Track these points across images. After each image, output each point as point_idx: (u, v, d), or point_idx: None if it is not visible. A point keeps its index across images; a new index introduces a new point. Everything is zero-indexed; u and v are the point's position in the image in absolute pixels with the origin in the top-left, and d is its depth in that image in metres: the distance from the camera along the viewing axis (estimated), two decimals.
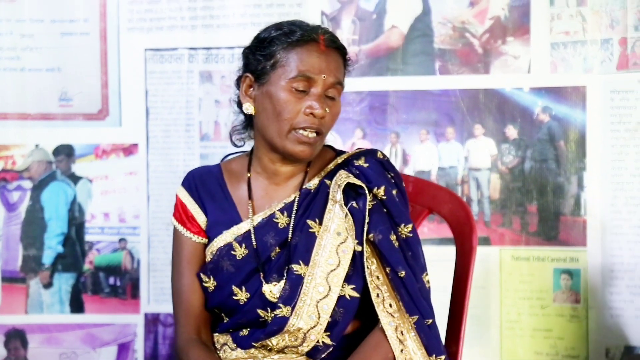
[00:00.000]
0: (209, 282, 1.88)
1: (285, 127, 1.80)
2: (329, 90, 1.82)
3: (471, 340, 2.72)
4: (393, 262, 1.80)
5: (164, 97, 3.01)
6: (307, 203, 1.87)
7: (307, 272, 1.80)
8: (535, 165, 2.87)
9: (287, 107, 1.80)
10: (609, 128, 2.80)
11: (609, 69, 2.79)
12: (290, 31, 1.82)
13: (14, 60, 3.01)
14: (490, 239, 2.89)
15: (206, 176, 1.96)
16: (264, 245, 1.85)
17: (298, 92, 1.80)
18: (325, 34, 1.84)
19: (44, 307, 3.04)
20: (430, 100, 2.91)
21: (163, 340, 3.02)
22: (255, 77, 1.85)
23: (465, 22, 2.88)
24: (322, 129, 1.82)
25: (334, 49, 1.84)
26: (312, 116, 1.80)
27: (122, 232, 3.04)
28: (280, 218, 1.87)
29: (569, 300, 2.84)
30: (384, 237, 1.81)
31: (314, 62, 1.80)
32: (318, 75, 1.80)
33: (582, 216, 2.83)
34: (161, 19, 2.99)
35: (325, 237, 1.82)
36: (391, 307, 1.80)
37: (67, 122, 3.03)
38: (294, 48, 1.81)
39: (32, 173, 3.05)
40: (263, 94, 1.83)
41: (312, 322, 1.79)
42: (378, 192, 1.84)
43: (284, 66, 1.80)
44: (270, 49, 1.82)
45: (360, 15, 2.93)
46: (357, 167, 1.88)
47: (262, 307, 1.83)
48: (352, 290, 1.81)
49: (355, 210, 1.82)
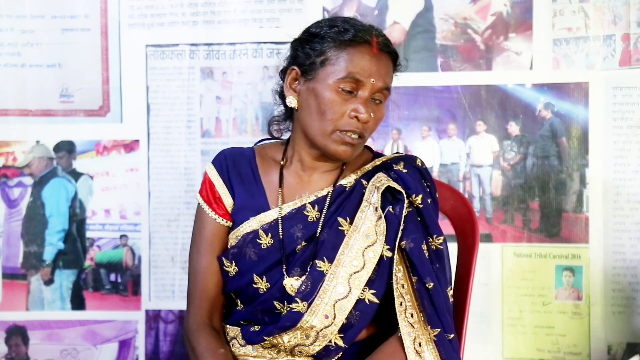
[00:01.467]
0: (230, 267, 1.86)
1: (329, 128, 1.78)
2: (375, 94, 1.79)
3: (473, 337, 2.72)
4: (422, 272, 1.78)
5: (165, 93, 3.01)
6: (341, 200, 1.85)
7: (330, 270, 1.78)
8: (538, 161, 2.86)
9: (333, 108, 1.77)
10: (611, 124, 2.80)
11: (612, 65, 2.78)
12: (343, 30, 1.78)
13: (14, 56, 3.01)
14: (492, 235, 2.88)
15: (239, 157, 1.93)
16: (291, 237, 1.83)
17: (345, 92, 1.77)
18: (379, 36, 1.80)
19: (45, 303, 3.04)
20: (432, 97, 2.90)
21: (164, 337, 3.02)
22: (302, 71, 1.82)
23: (467, 18, 2.88)
24: (365, 133, 1.80)
25: (386, 53, 1.81)
26: (356, 120, 1.77)
27: (123, 228, 3.04)
28: (311, 211, 1.85)
29: (571, 297, 2.83)
30: (416, 246, 1.79)
31: (364, 64, 1.77)
32: (367, 78, 1.77)
33: (584, 213, 2.82)
34: (162, 15, 2.99)
35: (354, 238, 1.80)
36: (412, 318, 1.78)
37: (68, 119, 3.02)
38: (346, 48, 1.77)
39: (33, 169, 3.05)
40: (309, 89, 1.80)
41: (327, 322, 1.77)
42: (416, 199, 1.82)
43: (333, 65, 1.77)
44: (321, 45, 1.79)
45: (361, 11, 2.92)
46: (396, 171, 1.86)
47: (280, 299, 1.81)
48: (373, 295, 1.79)
49: (391, 215, 1.80)
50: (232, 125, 2.98)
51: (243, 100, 2.98)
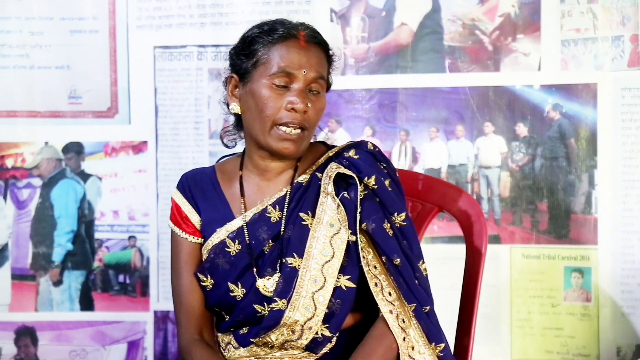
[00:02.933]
0: (207, 281, 1.89)
1: (268, 124, 1.81)
2: (311, 85, 1.82)
3: (481, 338, 2.71)
4: (388, 250, 1.80)
5: (173, 94, 3.01)
6: (299, 196, 1.87)
7: (302, 264, 1.81)
8: (546, 163, 2.85)
9: (269, 104, 1.80)
10: (619, 125, 2.79)
11: (620, 66, 2.77)
12: (271, 29, 1.83)
13: (23, 58, 3.02)
14: (501, 237, 2.88)
15: (199, 177, 1.98)
16: (257, 240, 1.86)
17: (279, 87, 1.80)
18: (305, 29, 1.84)
19: (53, 304, 3.05)
20: (440, 98, 2.90)
21: (172, 338, 3.02)
22: (239, 76, 1.87)
23: (475, 19, 2.87)
24: (305, 124, 1.82)
25: (315, 44, 1.84)
26: (293, 111, 1.80)
27: (131, 229, 3.04)
28: (273, 212, 1.87)
29: (580, 299, 2.82)
30: (377, 226, 1.81)
31: (293, 57, 1.80)
32: (298, 70, 1.80)
33: (593, 214, 2.82)
34: (170, 16, 2.99)
35: (319, 229, 1.83)
36: (390, 296, 1.80)
37: (77, 120, 3.03)
38: (275, 45, 1.82)
39: (42, 171, 3.06)
40: (247, 92, 1.85)
41: (309, 314, 1.79)
42: (369, 181, 1.84)
43: (265, 64, 1.81)
44: (251, 48, 1.84)
45: (369, 12, 2.92)
46: (347, 158, 1.88)
47: (259, 302, 1.83)
48: (348, 280, 1.81)
49: (346, 200, 1.83)
50: None
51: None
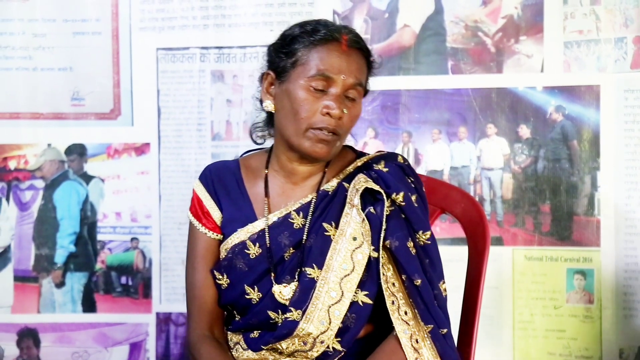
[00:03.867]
0: (222, 279, 1.87)
1: (302, 126, 1.78)
2: (348, 91, 1.79)
3: (484, 340, 2.71)
4: (409, 269, 1.77)
5: (175, 96, 3.02)
6: (324, 205, 1.84)
7: (321, 276, 1.78)
8: (549, 164, 2.85)
9: (305, 106, 1.77)
10: (622, 127, 2.79)
11: (623, 67, 2.77)
12: (313, 30, 1.79)
13: (26, 59, 3.02)
14: (503, 239, 2.87)
15: (223, 171, 1.94)
16: (278, 245, 1.83)
17: (316, 91, 1.77)
18: (349, 34, 1.80)
19: (56, 306, 3.05)
20: (442, 100, 2.90)
21: (175, 340, 3.02)
22: (276, 74, 1.83)
23: (477, 20, 2.87)
24: (339, 130, 1.79)
25: (356, 49, 1.81)
26: (328, 116, 1.77)
27: (134, 231, 3.04)
28: (296, 218, 1.85)
29: (583, 301, 2.82)
30: (401, 244, 1.78)
31: (333, 61, 1.77)
32: (337, 75, 1.77)
33: (595, 216, 2.81)
34: (173, 18, 3.00)
35: (341, 241, 1.80)
36: (406, 315, 1.78)
37: (79, 122, 3.03)
38: (315, 47, 1.78)
39: (45, 172, 3.06)
40: (283, 91, 1.81)
41: (323, 328, 1.77)
42: (397, 197, 1.81)
43: (304, 64, 1.78)
44: (292, 47, 1.80)
45: (372, 14, 2.92)
46: (376, 171, 1.85)
47: (273, 308, 1.81)
48: (365, 296, 1.79)
49: (372, 215, 1.79)
50: (243, 128, 2.99)
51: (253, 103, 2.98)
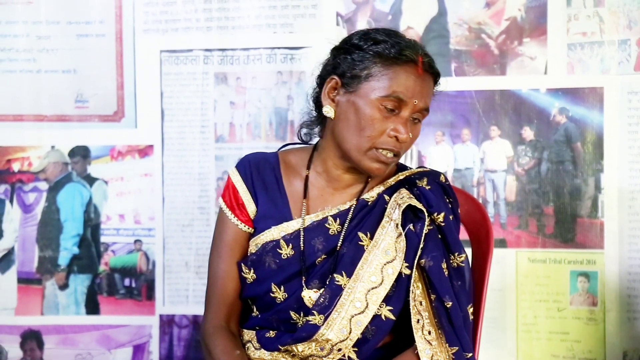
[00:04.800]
0: (249, 273, 1.85)
1: (366, 144, 1.76)
2: (415, 114, 1.78)
3: (487, 342, 2.71)
4: (441, 290, 1.77)
5: (179, 98, 3.02)
6: (363, 215, 1.84)
7: (348, 284, 1.77)
8: (552, 167, 2.85)
9: (373, 125, 1.75)
10: (626, 129, 2.78)
11: (627, 69, 2.77)
12: (390, 45, 1.76)
13: (30, 62, 3.03)
14: (507, 241, 2.87)
15: (262, 164, 1.91)
16: (311, 249, 1.82)
17: (387, 110, 1.75)
18: (424, 56, 1.79)
19: (59, 308, 3.05)
20: (445, 102, 2.90)
21: (178, 342, 3.02)
22: (342, 82, 1.79)
23: (481, 23, 2.87)
24: (400, 152, 1.79)
25: (430, 73, 1.80)
26: (395, 139, 1.76)
27: (137, 233, 3.04)
28: (332, 224, 1.84)
29: (586, 303, 2.82)
30: (435, 264, 1.78)
31: (409, 84, 1.75)
32: (410, 99, 1.75)
33: (599, 218, 2.81)
34: (176, 20, 3.00)
35: (373, 253, 1.79)
36: (430, 335, 1.77)
37: (83, 124, 3.04)
38: (392, 65, 1.75)
39: (48, 174, 3.06)
40: (349, 102, 1.78)
41: (342, 336, 1.76)
42: (437, 217, 1.81)
43: (377, 81, 1.75)
44: (366, 59, 1.77)
45: (375, 16, 2.92)
46: (419, 188, 1.84)
47: (297, 310, 1.81)
48: (389, 312, 1.78)
49: (411, 233, 1.78)
50: (246, 130, 2.99)
51: (257, 106, 2.99)
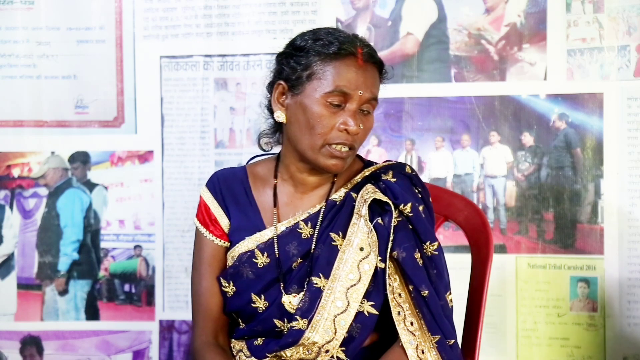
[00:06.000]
0: (228, 287, 1.87)
1: (319, 142, 1.78)
2: (364, 105, 1.79)
3: (487, 348, 2.71)
4: (416, 280, 1.78)
5: (179, 104, 3.02)
6: (332, 215, 1.85)
7: (327, 285, 1.78)
8: (552, 172, 2.85)
9: (322, 122, 1.77)
10: (626, 135, 2.78)
11: (626, 75, 2.77)
12: (328, 42, 1.78)
13: (30, 67, 3.03)
14: (507, 246, 2.87)
15: (231, 179, 1.94)
16: (286, 255, 1.83)
17: (333, 106, 1.77)
18: (363, 47, 1.79)
19: (59, 313, 3.05)
20: (445, 107, 2.90)
21: (178, 348, 3.02)
22: (289, 85, 1.81)
23: (481, 29, 2.88)
24: (355, 144, 1.80)
25: (371, 63, 1.80)
26: (345, 132, 1.77)
27: (137, 239, 3.04)
28: (304, 228, 1.85)
29: (586, 309, 2.82)
30: (408, 255, 1.79)
31: (351, 77, 1.76)
32: (354, 91, 1.76)
33: (599, 224, 2.81)
34: (176, 26, 3.00)
35: (348, 251, 1.80)
36: (412, 326, 1.78)
37: (83, 130, 3.04)
38: (332, 61, 1.77)
39: (48, 180, 3.06)
40: (297, 104, 1.80)
41: (328, 337, 1.77)
42: (404, 208, 1.82)
43: (320, 79, 1.77)
44: (306, 59, 1.79)
45: (375, 22, 2.93)
46: (384, 181, 1.86)
47: (280, 317, 1.81)
48: (371, 307, 1.79)
49: (380, 226, 1.80)
50: (246, 135, 2.99)
51: (257, 111, 2.97)
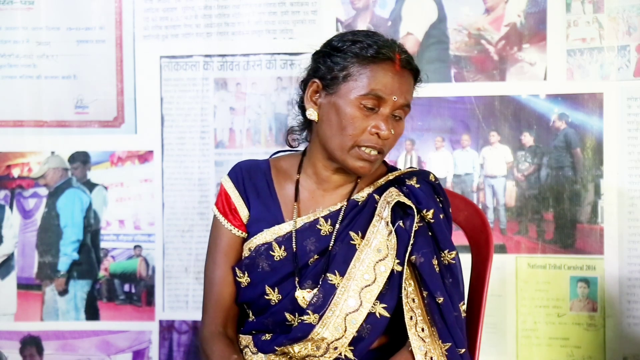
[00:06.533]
0: (243, 277, 1.87)
1: (349, 143, 1.79)
2: (396, 111, 1.80)
3: (487, 348, 2.71)
4: (432, 287, 1.79)
5: (179, 104, 3.02)
6: (353, 215, 1.86)
7: (342, 283, 1.79)
8: (552, 172, 2.85)
9: (354, 124, 1.78)
10: (625, 135, 2.78)
11: (626, 75, 2.77)
12: (367, 45, 1.79)
13: (30, 67, 3.03)
14: (506, 246, 2.87)
15: (254, 170, 1.95)
16: (304, 250, 1.84)
17: (366, 109, 1.78)
18: (401, 53, 1.80)
19: (59, 313, 3.05)
20: (445, 108, 2.90)
21: (178, 348, 3.02)
22: (323, 84, 1.82)
23: (481, 29, 2.88)
24: (384, 149, 1.81)
25: (408, 70, 1.82)
26: (376, 136, 1.78)
27: (137, 239, 3.04)
28: (324, 225, 1.86)
29: (586, 309, 2.82)
30: (426, 261, 1.80)
31: (387, 82, 1.77)
32: (389, 95, 1.77)
33: (598, 224, 2.81)
34: (176, 26, 3.00)
35: (365, 252, 1.81)
36: (423, 332, 1.78)
37: (83, 130, 3.04)
38: (369, 64, 1.78)
39: (48, 180, 3.06)
40: (330, 103, 1.81)
41: (338, 334, 1.78)
42: (427, 214, 1.83)
43: (356, 80, 1.77)
44: (343, 60, 1.79)
45: (375, 22, 2.93)
46: (408, 186, 1.86)
47: (291, 311, 1.82)
48: (384, 309, 1.80)
49: (401, 230, 1.81)
50: (246, 135, 2.99)
51: (257, 111, 2.99)
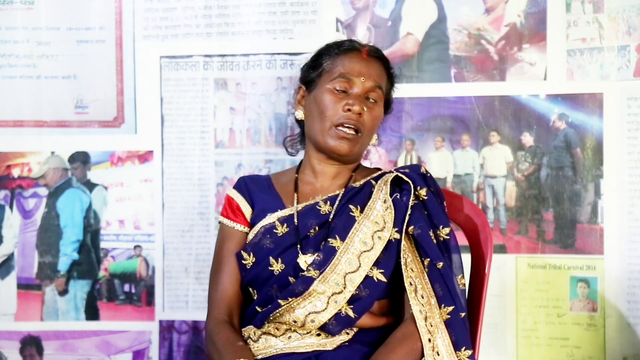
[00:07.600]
0: (249, 259, 1.98)
1: (327, 124, 1.97)
2: (369, 93, 2.00)
3: (487, 348, 2.71)
4: (432, 254, 1.89)
5: (179, 104, 3.02)
6: (351, 195, 1.99)
7: (342, 246, 1.90)
8: (552, 172, 2.85)
9: (329, 106, 1.97)
10: (626, 135, 2.78)
11: (626, 75, 2.77)
12: (339, 43, 2.07)
13: (30, 67, 3.03)
14: (506, 246, 2.87)
15: (256, 178, 2.16)
16: (305, 225, 1.97)
17: (339, 92, 1.98)
18: (370, 46, 2.09)
19: (59, 314, 3.05)
20: (445, 107, 2.90)
21: (178, 348, 3.02)
22: (307, 88, 2.03)
23: (481, 29, 2.88)
24: (360, 127, 1.98)
25: (375, 57, 2.06)
26: (349, 112, 1.96)
27: (137, 239, 3.04)
28: (323, 206, 1.99)
29: (586, 309, 2.82)
30: (423, 232, 1.91)
31: (354, 65, 2.01)
32: (357, 77, 2.00)
33: (598, 224, 2.81)
34: (176, 26, 3.00)
35: (364, 223, 1.92)
36: (423, 299, 1.86)
37: (83, 130, 3.04)
38: (339, 56, 2.03)
39: (48, 180, 3.06)
40: (311, 99, 2.05)
41: (337, 289, 1.86)
42: (420, 192, 1.96)
43: (328, 72, 2.03)
44: (319, 61, 2.06)
45: (375, 22, 2.93)
46: (402, 172, 2.00)
47: (294, 275, 1.91)
48: (381, 274, 1.89)
49: (398, 201, 1.94)
50: (246, 136, 2.99)
51: (257, 111, 2.99)
